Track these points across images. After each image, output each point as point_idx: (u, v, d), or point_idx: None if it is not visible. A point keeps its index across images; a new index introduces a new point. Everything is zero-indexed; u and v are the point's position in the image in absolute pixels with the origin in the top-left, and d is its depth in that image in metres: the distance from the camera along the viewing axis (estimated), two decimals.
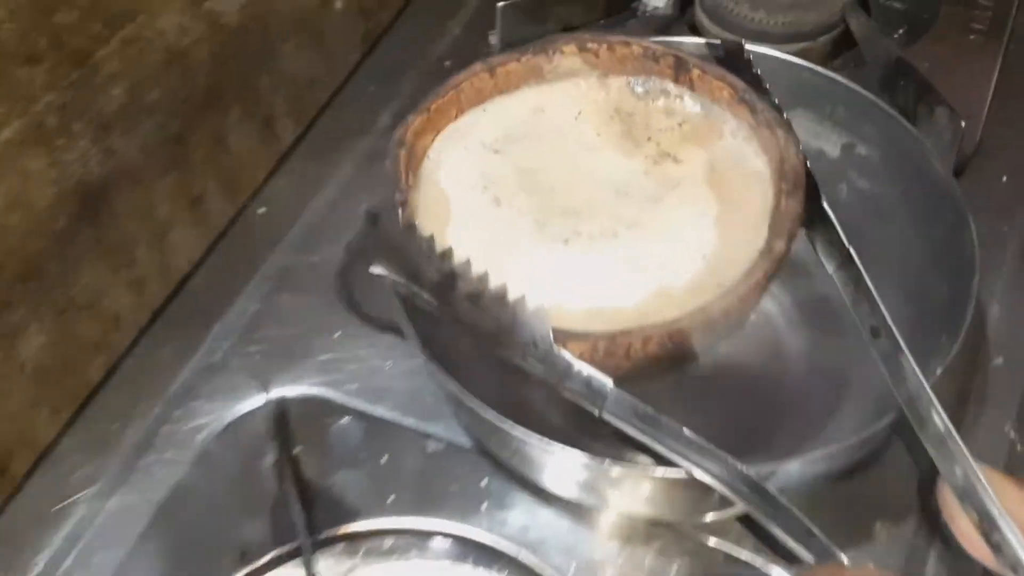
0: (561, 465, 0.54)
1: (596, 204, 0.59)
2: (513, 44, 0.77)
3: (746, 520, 0.58)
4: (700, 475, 0.47)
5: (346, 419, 0.63)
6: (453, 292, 0.48)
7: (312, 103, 0.84)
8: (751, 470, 0.48)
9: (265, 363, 0.66)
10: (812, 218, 0.55)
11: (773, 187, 0.57)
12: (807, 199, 0.55)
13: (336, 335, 0.67)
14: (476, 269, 0.48)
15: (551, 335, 0.47)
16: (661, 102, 0.64)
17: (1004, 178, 0.74)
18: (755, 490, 0.48)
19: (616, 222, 0.58)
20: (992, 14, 0.83)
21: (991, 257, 0.69)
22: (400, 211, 0.54)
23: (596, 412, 0.48)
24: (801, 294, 0.68)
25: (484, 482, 0.61)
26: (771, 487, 0.48)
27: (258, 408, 0.63)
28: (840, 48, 0.83)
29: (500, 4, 0.79)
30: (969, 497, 0.47)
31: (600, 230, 0.58)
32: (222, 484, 0.62)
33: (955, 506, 0.48)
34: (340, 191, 0.76)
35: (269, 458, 0.61)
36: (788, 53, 0.68)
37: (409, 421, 0.63)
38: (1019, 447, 0.62)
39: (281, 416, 0.64)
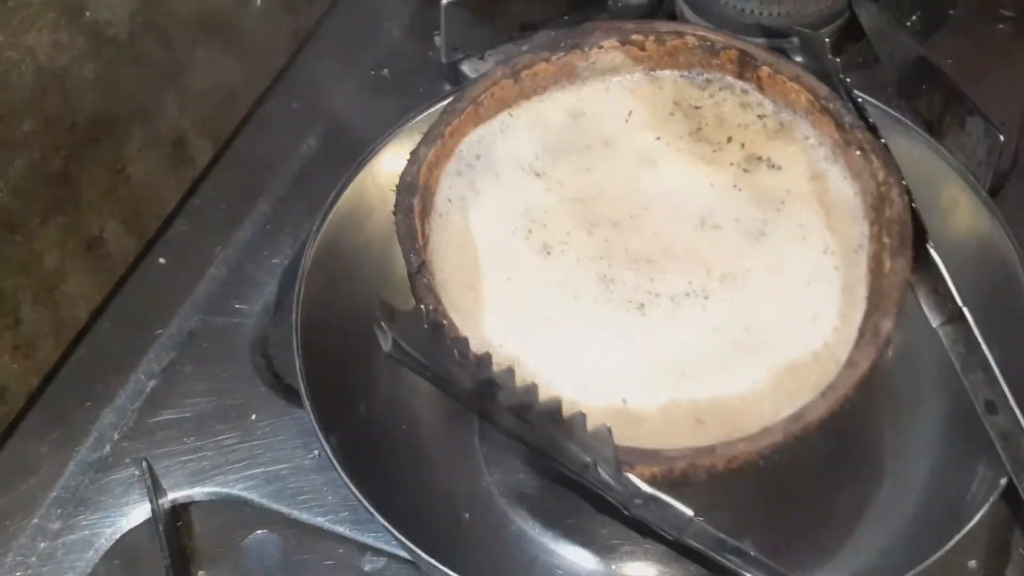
0: None
1: (675, 244, 0.49)
2: (461, 48, 0.68)
3: None
4: None
5: (262, 531, 0.54)
6: (493, 403, 0.41)
7: (230, 122, 0.74)
8: None
9: (163, 457, 0.57)
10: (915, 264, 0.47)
11: (869, 229, 0.48)
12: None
13: (251, 417, 0.58)
14: (521, 378, 0.41)
15: (616, 459, 0.40)
16: (729, 95, 0.54)
17: None
18: None
19: (706, 274, 0.48)
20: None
21: None
22: (419, 280, 0.46)
23: (671, 538, 0.43)
24: None
25: None
26: None
27: (154, 521, 0.54)
28: (846, 41, 0.74)
29: (445, 2, 0.69)
30: None
31: (684, 287, 0.48)
32: None
33: None
34: (256, 233, 0.66)
35: None
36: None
37: (341, 529, 0.54)
38: None
39: (182, 528, 0.55)
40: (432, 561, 0.43)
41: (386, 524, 0.44)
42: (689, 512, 0.41)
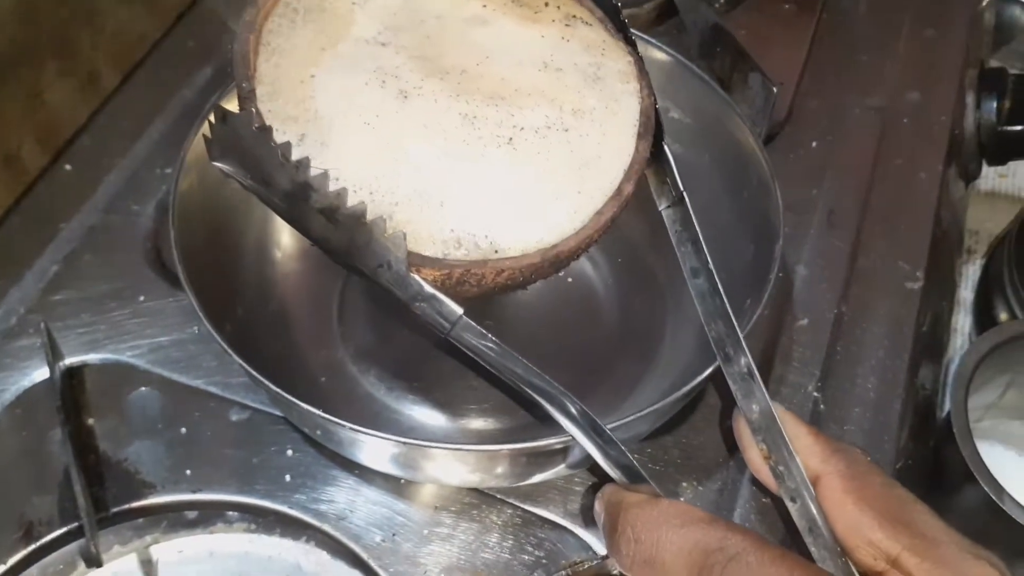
0: (369, 446, 0.47)
1: (524, 84, 0.46)
2: None
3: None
4: (539, 400, 0.44)
5: (145, 388, 0.56)
6: (305, 204, 0.40)
7: (136, 56, 0.74)
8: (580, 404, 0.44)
9: (63, 328, 0.57)
10: (651, 156, 0.48)
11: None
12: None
13: (140, 299, 0.59)
14: (333, 183, 0.40)
15: (406, 261, 0.40)
16: None
17: (814, 143, 0.69)
18: (592, 426, 0.44)
19: (559, 110, 0.45)
20: None
21: (799, 221, 0.65)
22: (248, 104, 0.43)
23: (443, 334, 0.43)
24: (615, 252, 0.62)
25: (290, 452, 0.54)
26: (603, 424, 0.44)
27: (51, 377, 0.55)
28: (664, 16, 0.77)
29: None
30: (762, 432, 0.47)
31: (544, 121, 0.45)
32: (9, 458, 0.54)
33: (748, 437, 0.48)
34: (152, 148, 0.66)
35: (59, 430, 0.52)
36: None
37: (214, 389, 0.55)
38: (822, 406, 0.57)
39: (76, 385, 0.56)
40: (295, 400, 0.44)
41: (259, 376, 0.45)
42: (459, 310, 0.42)
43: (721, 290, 0.47)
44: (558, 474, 0.51)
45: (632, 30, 0.55)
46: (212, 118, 0.41)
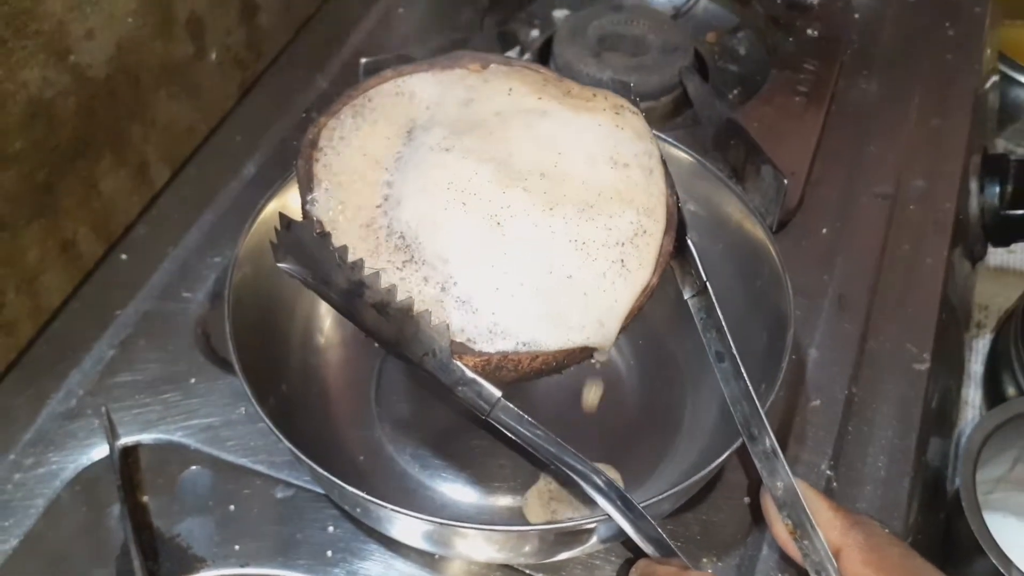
0: (405, 523, 0.50)
1: (605, 187, 0.47)
2: None
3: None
4: (573, 477, 0.47)
5: (196, 467, 0.58)
6: (360, 300, 0.44)
7: (185, 150, 0.78)
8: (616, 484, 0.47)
9: (119, 410, 0.61)
10: (676, 250, 0.52)
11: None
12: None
13: (191, 381, 0.62)
14: (384, 281, 0.45)
15: (449, 348, 0.44)
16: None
17: (824, 230, 0.72)
18: (623, 502, 0.47)
19: (636, 213, 0.47)
20: (816, 78, 0.81)
21: (811, 305, 0.67)
22: (308, 212, 0.47)
23: (483, 415, 0.46)
24: (636, 335, 0.65)
25: (331, 528, 0.56)
26: (635, 501, 0.47)
27: (109, 456, 0.58)
28: (681, 108, 0.81)
29: (364, 60, 0.75)
30: (787, 507, 0.50)
31: (632, 229, 0.47)
32: (70, 533, 0.56)
33: (774, 513, 0.50)
34: (203, 239, 0.70)
35: (117, 507, 0.55)
36: None
37: (260, 467, 0.58)
38: (835, 484, 0.60)
39: (131, 464, 0.59)
40: (337, 480, 0.47)
41: (304, 458, 0.47)
42: (498, 393, 0.45)
43: (744, 374, 0.50)
44: (584, 551, 0.54)
45: (653, 131, 0.59)
46: (278, 225, 0.45)
